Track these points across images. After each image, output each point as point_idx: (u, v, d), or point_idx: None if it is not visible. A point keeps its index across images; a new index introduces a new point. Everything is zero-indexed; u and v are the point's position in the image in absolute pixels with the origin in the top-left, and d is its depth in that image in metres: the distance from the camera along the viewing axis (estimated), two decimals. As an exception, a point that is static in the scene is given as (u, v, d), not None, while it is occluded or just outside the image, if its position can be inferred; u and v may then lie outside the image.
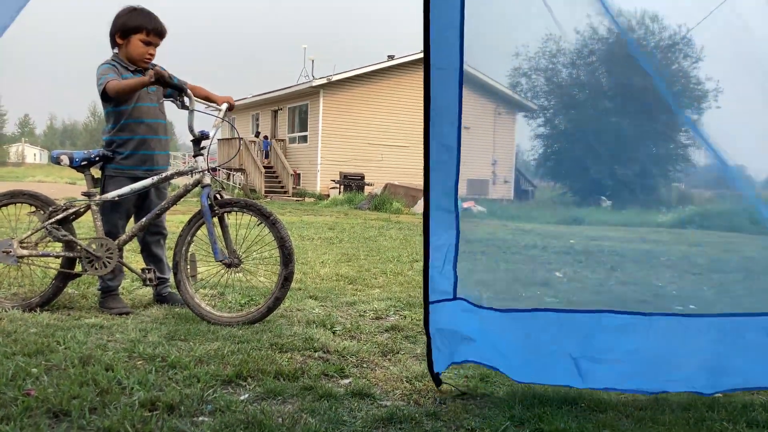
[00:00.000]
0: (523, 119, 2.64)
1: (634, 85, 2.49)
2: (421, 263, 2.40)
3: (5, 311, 3.40)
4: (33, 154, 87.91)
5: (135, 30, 3.53)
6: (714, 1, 2.06)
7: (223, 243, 3.46)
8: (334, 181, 20.77)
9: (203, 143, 3.49)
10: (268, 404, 2.23)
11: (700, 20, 2.19)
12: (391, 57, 23.27)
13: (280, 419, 2.08)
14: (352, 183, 20.22)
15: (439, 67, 2.06)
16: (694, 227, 2.35)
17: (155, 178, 3.54)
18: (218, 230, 3.45)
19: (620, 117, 2.50)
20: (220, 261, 3.43)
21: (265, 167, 22.66)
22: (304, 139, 23.56)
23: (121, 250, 3.57)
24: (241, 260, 3.50)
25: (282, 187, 22.57)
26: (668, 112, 2.49)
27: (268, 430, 1.97)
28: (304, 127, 23.62)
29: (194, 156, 3.53)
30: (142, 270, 3.60)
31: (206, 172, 3.48)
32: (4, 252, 3.50)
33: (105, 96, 3.48)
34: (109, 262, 3.49)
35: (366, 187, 20.25)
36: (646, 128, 2.41)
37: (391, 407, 2.24)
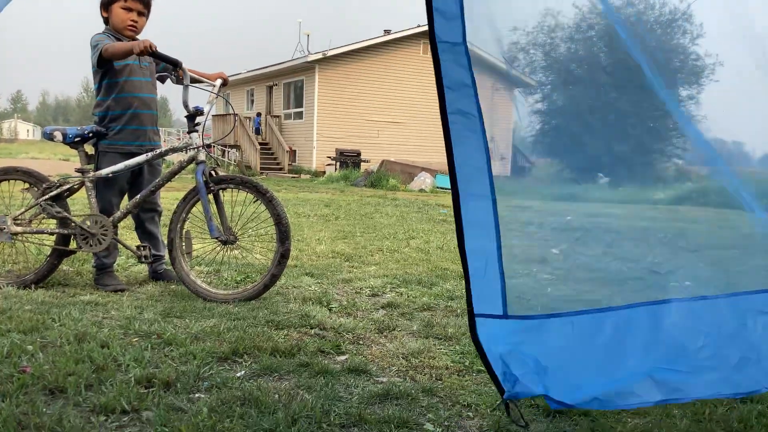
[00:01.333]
0: (520, 95, 2.61)
1: (632, 60, 2.46)
2: (418, 240, 2.39)
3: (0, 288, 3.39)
4: (26, 131, 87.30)
5: None
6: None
7: (219, 220, 3.44)
8: (330, 157, 20.69)
9: (198, 119, 3.46)
10: (265, 381, 2.23)
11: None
12: (387, 32, 23.05)
13: (277, 396, 2.08)
14: (348, 160, 20.15)
15: (443, 41, 1.92)
16: (691, 204, 2.34)
17: (149, 154, 3.52)
18: (214, 207, 3.43)
19: (618, 93, 2.47)
20: (216, 238, 3.42)
21: (260, 144, 22.54)
22: (299, 115, 23.41)
23: (115, 227, 3.55)
24: (236, 237, 3.48)
25: (278, 164, 22.49)
26: (667, 89, 2.47)
27: (265, 406, 1.98)
28: (299, 103, 23.45)
29: (189, 132, 3.50)
30: (137, 247, 3.58)
31: (201, 148, 3.45)
32: None
33: (101, 61, 3.43)
34: (104, 239, 3.47)
35: (362, 163, 20.18)
36: (644, 104, 2.39)
37: (388, 383, 2.25)
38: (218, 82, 3.63)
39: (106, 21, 3.57)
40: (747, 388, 1.87)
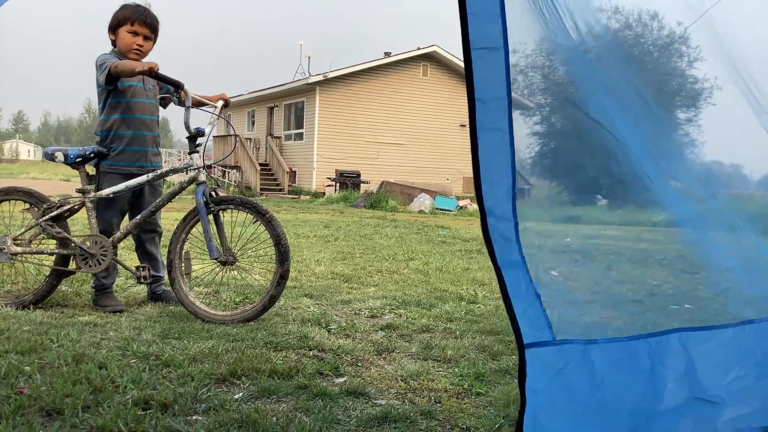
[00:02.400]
0: (519, 117, 2.62)
1: (630, 83, 2.48)
2: (417, 262, 2.38)
3: None
4: (27, 151, 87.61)
5: (121, 22, 3.55)
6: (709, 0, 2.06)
7: (218, 241, 3.44)
8: (329, 178, 20.74)
9: (199, 140, 3.48)
10: (263, 403, 2.22)
11: (695, 19, 2.18)
12: (387, 54, 23.25)
13: (275, 418, 2.07)
14: (348, 181, 20.20)
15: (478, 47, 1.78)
16: (690, 227, 2.35)
17: (150, 175, 3.53)
18: (213, 228, 3.43)
19: (617, 115, 2.49)
20: (215, 259, 3.42)
21: (260, 165, 22.62)
22: (300, 136, 23.52)
23: (115, 247, 3.55)
24: (236, 258, 3.48)
25: (278, 185, 22.54)
26: (665, 110, 2.48)
27: (263, 429, 1.96)
28: (300, 124, 23.57)
29: (190, 153, 3.51)
30: (137, 268, 3.58)
31: (202, 169, 3.46)
32: None
33: (109, 79, 3.46)
34: (104, 260, 3.47)
35: (362, 184, 20.23)
36: (642, 126, 2.40)
37: (386, 406, 2.23)
38: (220, 103, 3.66)
39: (114, 43, 3.61)
40: None
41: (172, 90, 3.70)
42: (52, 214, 3.50)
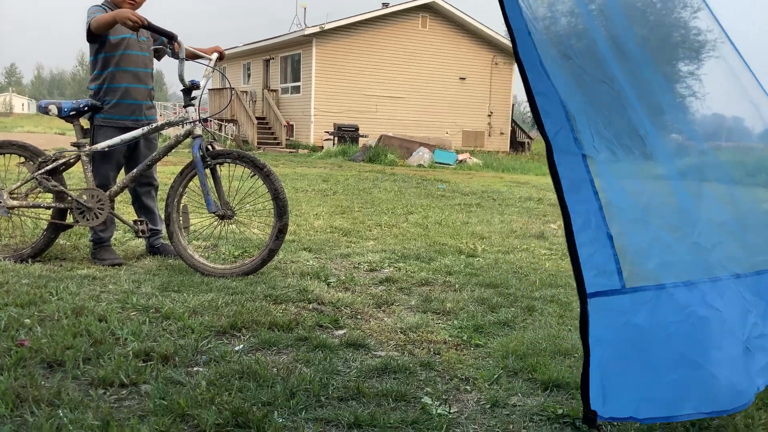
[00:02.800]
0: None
1: (633, 36, 2.42)
2: (417, 216, 2.36)
3: None
4: (21, 104, 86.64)
5: None
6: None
7: (216, 195, 3.42)
8: (327, 132, 20.57)
9: (194, 93, 3.42)
10: (263, 355, 2.24)
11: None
12: (385, 5, 22.76)
13: (275, 369, 2.09)
14: (346, 134, 20.03)
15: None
16: (691, 179, 2.33)
17: (145, 128, 3.49)
18: (211, 182, 3.41)
19: (618, 67, 2.44)
20: (213, 213, 3.41)
21: (257, 118, 22.40)
22: (297, 89, 23.22)
23: (112, 201, 3.53)
24: (234, 212, 3.47)
25: (275, 139, 22.36)
26: (667, 63, 2.44)
27: (263, 379, 1.98)
28: (296, 77, 23.24)
29: (185, 106, 3.46)
30: (134, 221, 3.57)
31: (197, 122, 3.41)
32: None
33: (90, 36, 3.40)
34: (101, 213, 3.46)
35: (360, 138, 20.07)
36: (644, 78, 2.36)
37: (385, 357, 2.26)
38: (214, 56, 3.58)
39: None
40: None
41: (165, 42, 3.62)
42: (48, 167, 3.46)
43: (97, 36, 3.42)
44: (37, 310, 2.55)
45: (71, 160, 3.53)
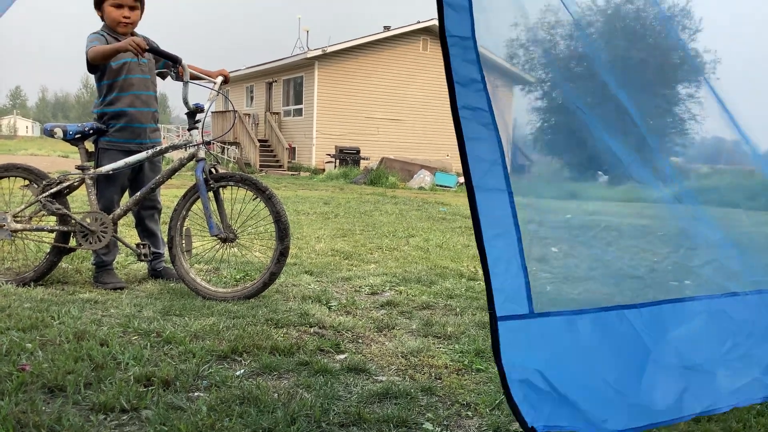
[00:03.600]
0: (520, 92, 2.60)
1: (632, 58, 2.45)
2: (418, 239, 2.38)
3: None
4: (25, 127, 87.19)
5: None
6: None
7: (219, 217, 3.44)
8: (329, 155, 20.66)
9: (198, 116, 3.46)
10: (264, 379, 2.23)
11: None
12: (387, 28, 23.00)
13: (276, 394, 2.08)
14: (347, 157, 20.12)
15: (453, 35, 1.84)
16: (691, 202, 2.34)
17: (150, 151, 3.52)
18: (213, 205, 3.43)
19: (618, 90, 2.46)
20: (216, 236, 3.42)
21: (259, 141, 22.52)
22: (299, 112, 23.37)
23: (115, 224, 3.55)
24: (236, 235, 3.48)
25: (277, 161, 22.46)
26: (667, 85, 2.46)
27: (264, 405, 1.98)
28: (299, 99, 23.41)
29: (189, 129, 3.49)
30: (137, 245, 3.58)
31: (201, 145, 3.44)
32: None
33: (90, 67, 3.45)
34: (104, 237, 3.47)
35: (362, 161, 20.16)
36: (644, 102, 2.38)
37: (387, 382, 2.25)
38: (219, 79, 3.62)
39: (102, 19, 3.57)
40: None
41: (169, 65, 3.66)
42: (52, 190, 3.48)
43: (96, 66, 3.46)
44: (39, 334, 2.55)
45: (75, 183, 3.55)
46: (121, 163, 3.49)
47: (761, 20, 2.15)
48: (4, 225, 3.48)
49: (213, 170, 3.44)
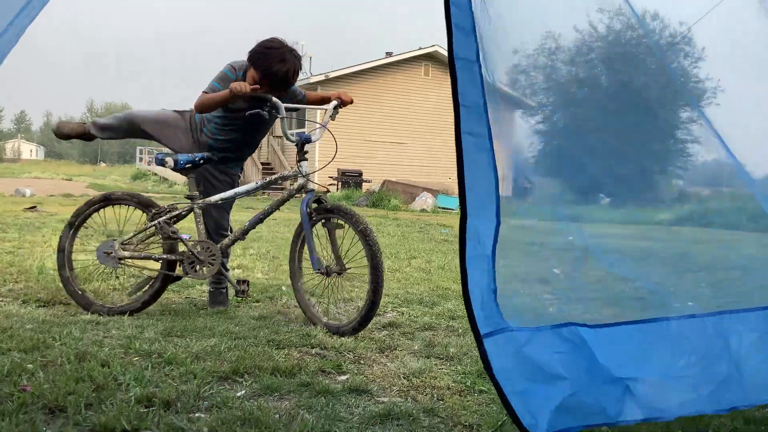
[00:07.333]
0: (521, 116, 2.63)
1: (633, 83, 2.48)
2: (420, 260, 2.39)
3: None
4: (29, 150, 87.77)
5: (256, 67, 3.37)
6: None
7: (329, 250, 3.38)
8: (331, 177, 20.74)
9: (306, 147, 3.44)
10: (265, 400, 2.22)
11: (699, 18, 2.19)
12: (389, 54, 23.23)
13: (277, 415, 2.07)
14: (350, 180, 20.19)
15: (461, 57, 1.88)
16: (692, 225, 2.35)
17: (259, 182, 3.53)
18: (320, 239, 3.37)
19: (619, 114, 2.49)
20: (317, 270, 3.37)
21: (262, 164, 22.62)
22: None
23: (224, 254, 3.52)
24: (344, 267, 3.40)
25: (280, 185, 22.54)
26: (668, 110, 2.49)
27: (265, 426, 1.97)
28: (302, 124, 23.57)
29: (298, 161, 3.44)
30: (237, 281, 3.48)
31: (308, 177, 3.38)
32: (105, 253, 3.45)
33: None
34: (212, 266, 3.42)
35: (364, 183, 20.22)
36: (645, 125, 2.40)
37: (388, 403, 2.24)
38: (332, 104, 3.58)
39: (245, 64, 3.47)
40: (728, 405, 1.92)
41: (263, 105, 3.43)
42: (164, 217, 3.43)
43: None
44: (40, 355, 2.55)
45: (183, 213, 3.50)
46: (230, 192, 3.49)
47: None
48: (112, 252, 3.44)
49: (320, 201, 3.39)
